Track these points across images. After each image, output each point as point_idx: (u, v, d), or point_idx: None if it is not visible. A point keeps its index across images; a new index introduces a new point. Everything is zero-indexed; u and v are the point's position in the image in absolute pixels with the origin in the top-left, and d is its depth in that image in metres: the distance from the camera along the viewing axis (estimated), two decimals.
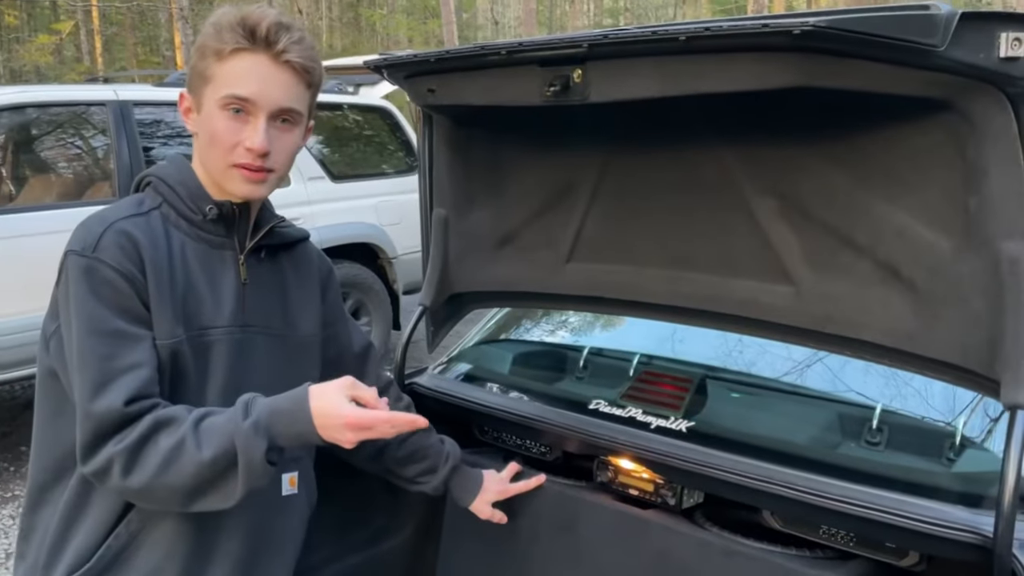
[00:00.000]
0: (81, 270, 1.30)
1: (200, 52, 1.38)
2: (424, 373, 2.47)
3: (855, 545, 1.71)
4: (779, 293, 1.78)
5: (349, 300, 5.78)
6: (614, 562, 1.89)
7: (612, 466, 1.99)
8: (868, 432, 1.79)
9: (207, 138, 1.40)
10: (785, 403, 1.97)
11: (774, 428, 1.86)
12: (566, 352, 2.37)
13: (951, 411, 1.88)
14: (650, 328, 2.38)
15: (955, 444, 1.73)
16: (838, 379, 2.03)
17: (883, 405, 1.82)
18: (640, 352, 2.28)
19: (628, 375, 2.14)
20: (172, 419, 1.30)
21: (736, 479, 1.72)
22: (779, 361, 2.12)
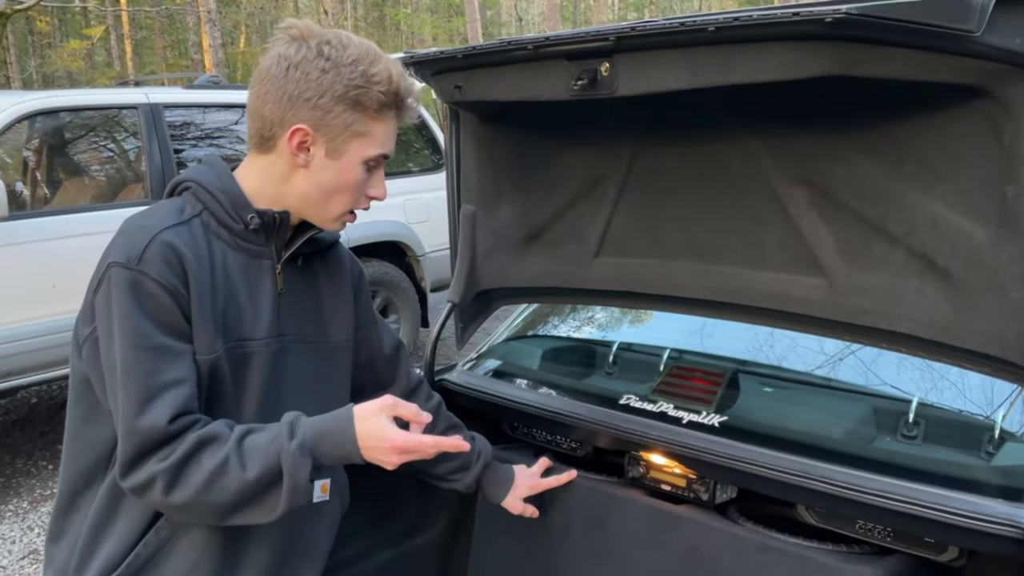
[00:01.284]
0: (126, 283, 1.28)
1: (349, 102, 1.36)
2: (454, 370, 2.47)
3: (892, 540, 1.69)
4: (811, 285, 1.76)
5: (377, 298, 5.81)
6: (646, 558, 1.89)
7: (643, 461, 1.98)
8: (904, 426, 1.77)
9: (334, 185, 1.42)
10: (818, 397, 1.95)
11: (808, 422, 1.84)
12: (595, 347, 2.37)
13: (989, 404, 1.85)
14: (679, 322, 2.37)
15: (994, 437, 1.70)
16: (872, 372, 2.01)
17: (919, 398, 1.79)
18: (670, 347, 2.27)
19: (659, 370, 2.12)
20: (215, 437, 1.31)
21: (770, 473, 1.70)
22: (811, 354, 2.10)
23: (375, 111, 1.38)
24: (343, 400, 1.60)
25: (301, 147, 1.38)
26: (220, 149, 5.20)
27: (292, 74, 1.34)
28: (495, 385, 2.29)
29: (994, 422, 1.73)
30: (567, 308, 2.74)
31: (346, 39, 1.37)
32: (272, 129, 1.38)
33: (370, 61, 1.36)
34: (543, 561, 2.07)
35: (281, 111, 1.36)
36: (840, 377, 2.02)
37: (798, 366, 2.10)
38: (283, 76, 1.35)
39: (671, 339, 2.37)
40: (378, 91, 1.36)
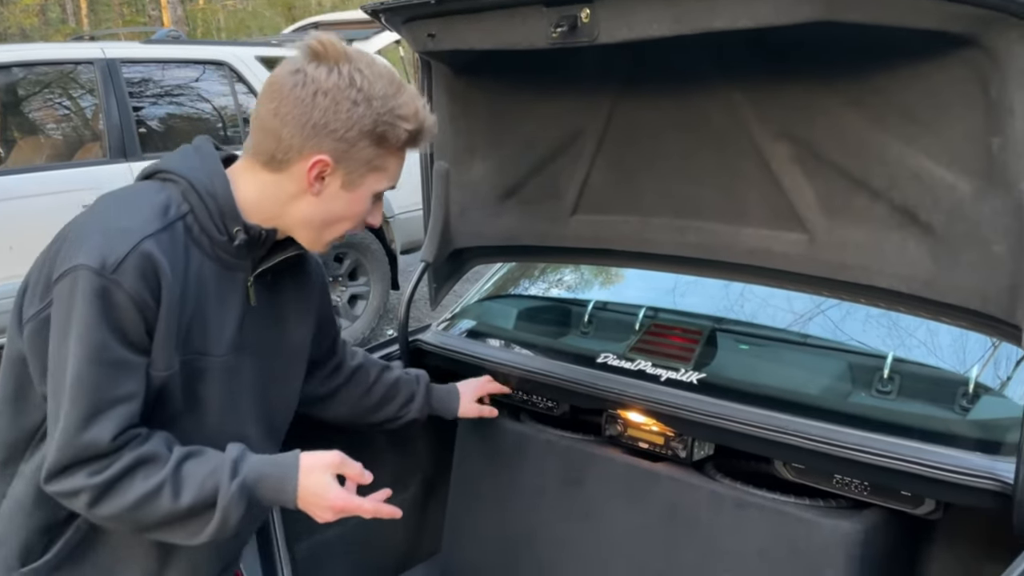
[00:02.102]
0: (95, 290, 1.20)
1: (375, 137, 1.30)
2: (427, 330, 2.43)
3: (869, 494, 1.69)
4: (792, 241, 1.73)
5: (346, 260, 5.73)
6: (624, 515, 1.88)
7: (621, 420, 1.97)
8: (880, 381, 1.77)
9: (342, 214, 1.37)
10: (796, 353, 1.94)
11: (785, 378, 1.83)
12: (571, 306, 2.34)
13: (965, 359, 1.85)
14: (656, 280, 2.35)
15: (970, 391, 1.70)
16: (849, 328, 2.00)
17: (895, 354, 1.79)
18: (647, 305, 2.25)
19: (636, 328, 2.10)
20: (153, 458, 1.26)
21: (748, 430, 1.70)
22: (788, 311, 2.09)
23: (398, 148, 1.34)
24: (295, 395, 1.61)
25: (318, 177, 1.32)
26: (180, 107, 5.06)
27: (320, 101, 1.27)
28: (470, 345, 2.26)
29: (969, 377, 1.74)
30: (541, 267, 2.70)
31: (375, 66, 1.31)
32: (288, 153, 1.31)
33: (397, 95, 1.31)
34: (519, 520, 2.06)
35: (303, 138, 1.29)
36: (816, 333, 2.01)
37: (775, 323, 2.10)
38: (310, 101, 1.27)
39: (647, 297, 2.35)
40: (405, 128, 1.32)
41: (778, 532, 1.66)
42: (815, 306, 2.04)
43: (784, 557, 1.65)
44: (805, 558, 1.62)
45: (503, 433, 2.12)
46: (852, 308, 1.95)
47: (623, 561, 1.87)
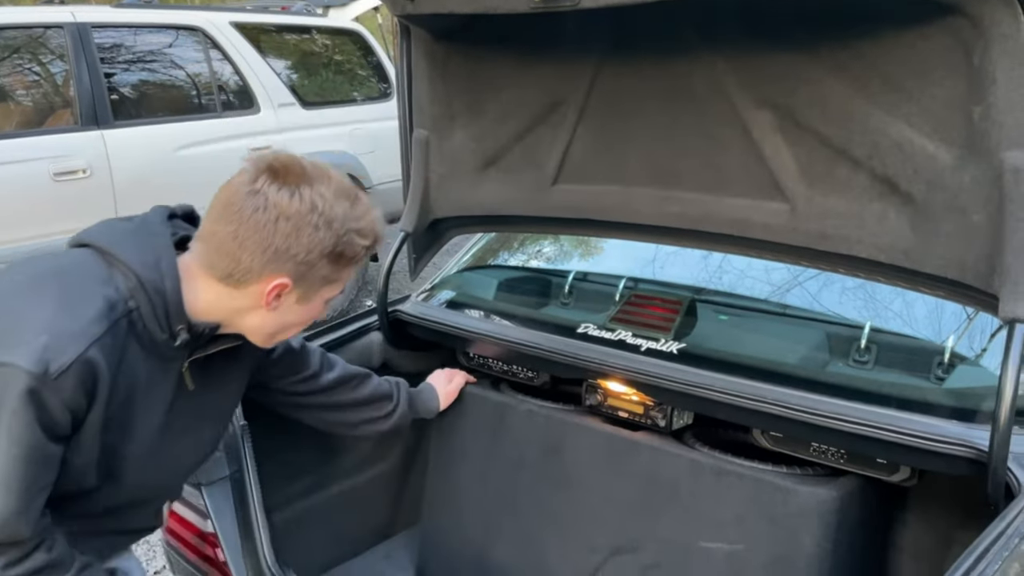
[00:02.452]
0: (30, 393, 1.17)
1: (334, 256, 1.31)
2: (407, 300, 2.42)
3: (845, 462, 1.71)
4: (772, 211, 1.73)
5: None
6: (603, 483, 1.89)
7: (601, 389, 1.97)
8: (857, 351, 1.78)
9: (296, 323, 1.41)
10: (774, 323, 1.95)
11: (764, 348, 1.84)
12: (551, 277, 2.33)
13: (941, 329, 1.87)
14: (636, 251, 2.34)
15: (945, 361, 1.71)
16: (827, 299, 2.01)
17: (872, 324, 1.80)
18: (627, 276, 2.24)
19: (616, 299, 2.10)
20: (58, 566, 1.32)
21: (728, 399, 1.70)
22: (767, 282, 2.09)
23: (354, 262, 1.37)
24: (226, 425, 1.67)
25: (277, 298, 1.33)
26: (153, 74, 4.95)
27: (283, 227, 1.26)
28: (450, 315, 2.25)
29: (945, 346, 1.75)
30: (521, 237, 2.69)
31: (332, 183, 1.31)
32: (247, 275, 1.30)
33: (355, 213, 1.32)
34: (499, 489, 2.07)
35: (263, 263, 1.28)
36: (795, 304, 2.02)
37: (754, 293, 2.10)
38: (272, 227, 1.26)
39: (627, 268, 2.35)
40: (362, 244, 1.34)
41: (756, 499, 1.67)
42: (793, 276, 2.04)
43: (762, 524, 1.66)
44: (782, 524, 1.64)
45: (483, 403, 2.12)
46: (830, 278, 1.96)
47: (603, 528, 1.88)
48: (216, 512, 1.82)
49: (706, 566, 1.73)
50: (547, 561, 1.97)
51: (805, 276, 2.02)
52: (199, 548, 1.89)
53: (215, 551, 1.83)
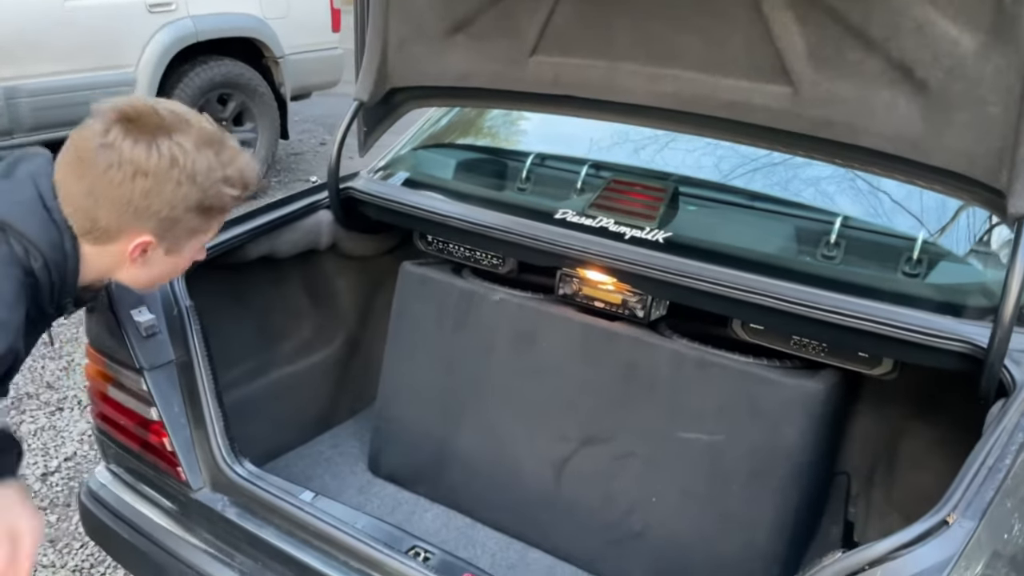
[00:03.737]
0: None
1: (200, 209, 1.23)
2: (358, 178, 2.23)
3: (826, 355, 1.71)
4: (775, 94, 1.64)
5: (231, 103, 5.27)
6: (577, 374, 1.83)
7: (576, 278, 1.88)
8: (844, 242, 1.74)
9: (168, 273, 1.36)
10: (759, 214, 1.89)
11: (750, 238, 1.79)
12: (519, 159, 2.18)
13: (926, 224, 1.85)
14: (611, 133, 2.22)
15: (931, 254, 1.70)
16: (812, 189, 1.97)
17: (859, 216, 1.76)
18: (602, 160, 2.13)
19: (594, 184, 1.99)
20: None
21: (714, 288, 1.65)
22: (752, 170, 2.02)
23: (223, 212, 1.29)
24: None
25: (142, 254, 1.26)
26: None
27: (140, 184, 1.17)
28: (410, 195, 2.09)
29: (932, 240, 1.74)
30: (483, 115, 2.51)
31: (189, 131, 1.20)
32: (107, 234, 1.22)
33: (221, 161, 1.23)
34: (463, 379, 1.98)
35: (122, 221, 1.20)
36: (780, 193, 1.97)
37: (738, 182, 2.03)
38: (128, 183, 1.17)
39: (595, 152, 2.23)
40: (231, 195, 1.26)
41: (739, 391, 1.65)
42: (778, 165, 1.98)
43: (743, 415, 1.65)
44: (765, 416, 1.63)
45: (449, 290, 2.00)
46: (817, 168, 1.90)
47: (574, 419, 1.84)
48: (161, 399, 1.66)
49: (683, 456, 1.71)
50: (513, 451, 1.92)
51: (791, 165, 1.96)
52: (140, 436, 1.74)
53: (161, 440, 1.69)
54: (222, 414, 1.69)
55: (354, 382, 2.51)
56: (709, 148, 2.09)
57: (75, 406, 3.21)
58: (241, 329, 2.21)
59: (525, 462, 1.90)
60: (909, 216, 1.85)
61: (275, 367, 2.28)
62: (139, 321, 1.67)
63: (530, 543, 1.91)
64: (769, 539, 1.64)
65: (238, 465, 1.64)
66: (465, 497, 2.00)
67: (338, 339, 2.44)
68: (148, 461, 1.74)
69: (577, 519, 1.84)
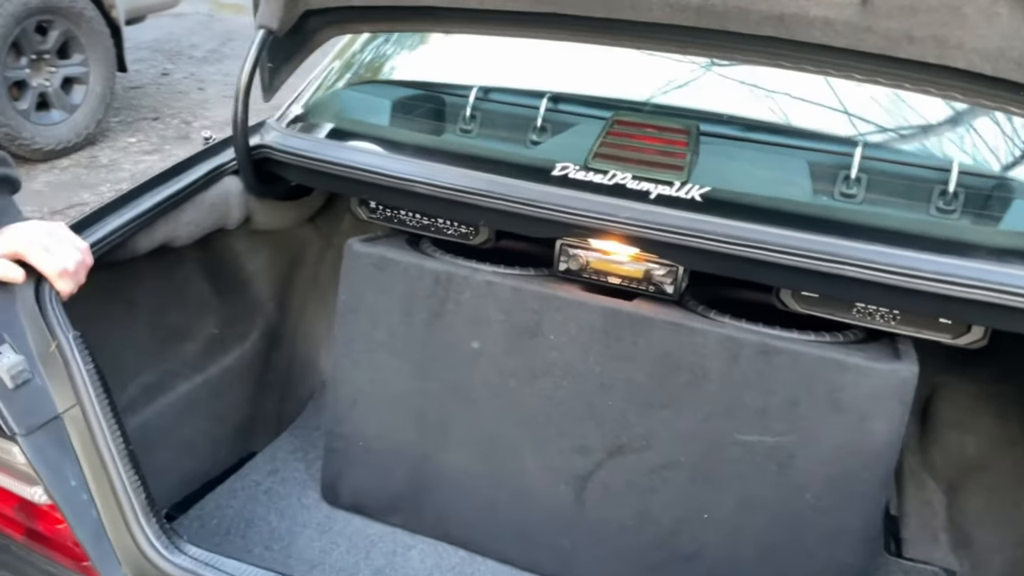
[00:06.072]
0: None
1: None
2: (267, 129, 1.71)
3: (897, 323, 1.42)
4: (837, 3, 1.28)
5: (54, 31, 4.40)
6: (601, 371, 1.46)
7: (583, 249, 1.50)
8: (939, 194, 1.42)
9: None
10: (811, 157, 1.53)
11: (805, 190, 1.44)
12: (479, 95, 1.72)
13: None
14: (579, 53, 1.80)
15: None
16: (887, 121, 1.63)
17: (956, 160, 1.44)
18: (588, 93, 1.72)
19: (588, 127, 1.57)
20: None
21: (776, 257, 1.31)
22: (782, 96, 1.67)
23: None
24: None
25: None
26: None
27: None
28: (347, 152, 1.61)
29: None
30: (416, 38, 2.01)
31: None
32: None
33: None
34: (447, 383, 1.57)
35: None
36: (838, 130, 1.62)
37: (774, 116, 1.67)
38: None
39: (574, 80, 1.80)
40: None
41: (814, 381, 1.34)
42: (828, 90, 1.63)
43: (819, 410, 1.34)
44: (848, 410, 1.33)
45: (416, 273, 1.56)
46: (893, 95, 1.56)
47: (596, 426, 1.48)
48: (50, 472, 1.17)
49: (741, 462, 1.40)
50: (517, 467, 1.54)
51: (842, 89, 1.61)
52: (23, 524, 1.24)
53: (55, 528, 1.21)
54: (138, 478, 1.22)
55: (278, 383, 2.05)
56: (709, 69, 1.72)
57: None
58: (129, 338, 1.70)
59: (534, 480, 1.54)
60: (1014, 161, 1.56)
61: (180, 378, 1.79)
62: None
63: (546, 575, 1.57)
64: (854, 552, 1.37)
65: (174, 550, 1.19)
66: (457, 526, 1.62)
67: (254, 332, 1.96)
68: (39, 557, 1.25)
69: (607, 543, 1.51)
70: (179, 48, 6.74)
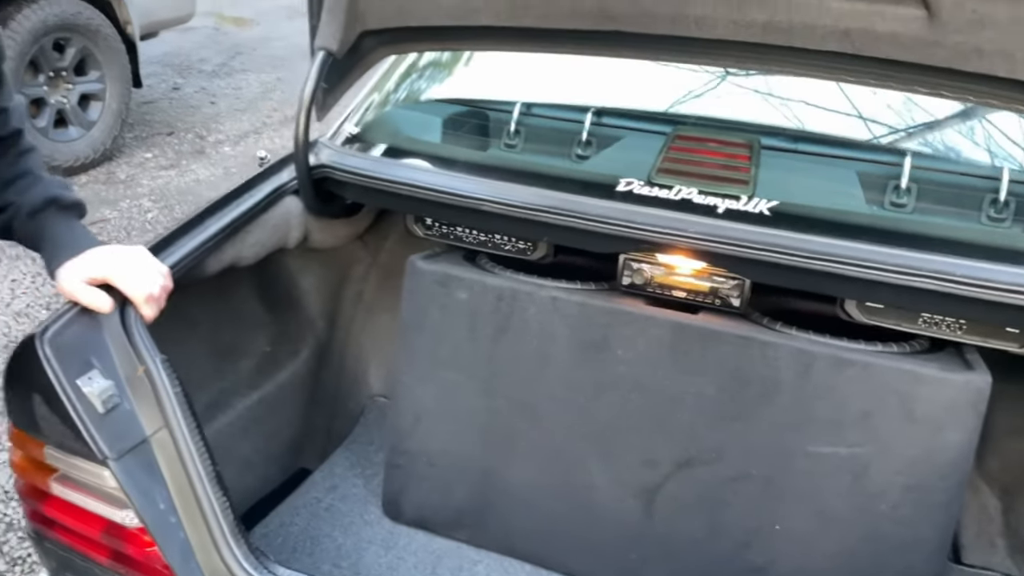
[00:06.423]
0: None
1: None
2: (321, 148, 1.72)
3: (963, 332, 1.44)
4: (905, 18, 1.30)
5: (71, 49, 4.41)
6: (670, 385, 1.47)
7: (647, 264, 1.51)
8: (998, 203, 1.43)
9: None
10: (872, 169, 1.54)
11: (871, 201, 1.45)
12: (534, 112, 1.73)
13: None
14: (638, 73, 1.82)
15: None
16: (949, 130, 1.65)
17: (1011, 168, 1.47)
18: (646, 108, 1.74)
19: (648, 142, 1.59)
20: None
21: (848, 270, 1.33)
22: (844, 109, 1.68)
23: None
24: None
25: None
26: None
27: None
28: (407, 171, 1.62)
29: None
30: (462, 56, 2.02)
31: None
32: None
33: None
34: (513, 398, 1.58)
35: None
36: (897, 142, 1.65)
37: (826, 125, 1.69)
38: None
39: (630, 96, 1.82)
40: None
41: (888, 393, 1.36)
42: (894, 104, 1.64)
43: (894, 421, 1.36)
44: (923, 421, 1.34)
45: (480, 290, 1.57)
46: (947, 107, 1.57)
47: (665, 439, 1.49)
48: (140, 496, 1.18)
49: (815, 474, 1.41)
50: (584, 481, 1.55)
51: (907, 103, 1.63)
52: (110, 547, 1.25)
53: (144, 551, 1.21)
54: (226, 499, 1.23)
55: (327, 399, 2.06)
56: (762, 82, 1.74)
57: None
58: (190, 358, 1.70)
59: (601, 493, 1.55)
60: None
61: (237, 396, 1.80)
62: (90, 392, 1.17)
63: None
64: (930, 562, 1.39)
65: (263, 571, 1.20)
66: (524, 540, 1.63)
67: (304, 349, 1.97)
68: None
69: (676, 556, 1.52)
70: (188, 62, 6.75)
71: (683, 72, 1.76)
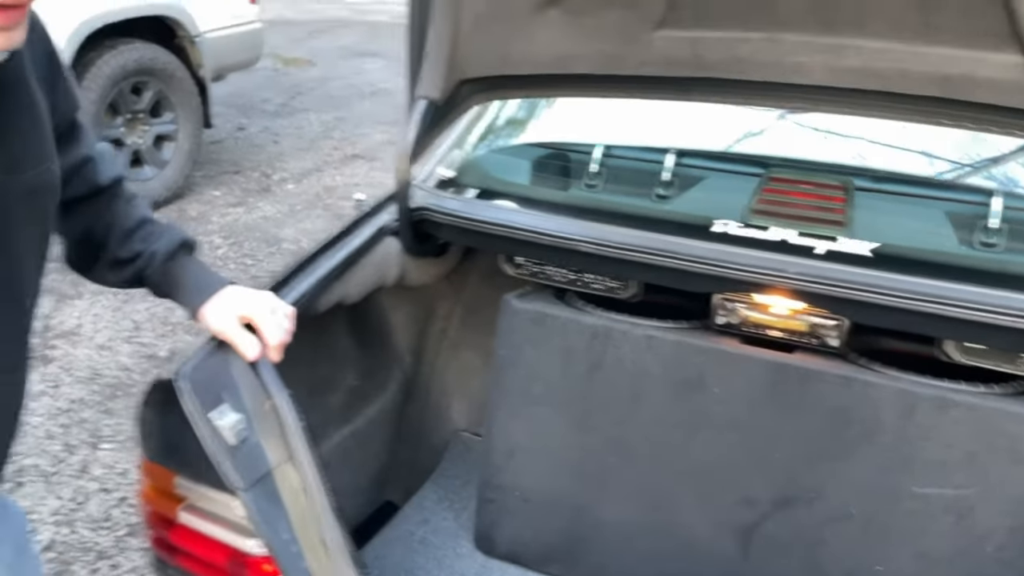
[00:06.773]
0: None
1: None
2: (415, 191, 1.79)
3: None
4: (1004, 64, 1.33)
5: (147, 92, 4.60)
6: (768, 424, 1.49)
7: (742, 303, 1.54)
8: None
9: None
10: (965, 209, 1.56)
11: (969, 242, 1.47)
12: (622, 155, 1.78)
13: None
14: (722, 120, 1.86)
15: None
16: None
17: None
18: (736, 150, 1.78)
19: (741, 183, 1.63)
20: None
21: (950, 311, 1.34)
22: (929, 149, 1.71)
23: None
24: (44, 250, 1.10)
25: None
26: None
27: None
28: (503, 213, 1.68)
29: None
30: (550, 101, 2.09)
31: None
32: None
33: None
34: (607, 435, 1.61)
35: None
36: (990, 182, 1.66)
37: (915, 166, 1.71)
38: None
39: (717, 140, 1.86)
40: None
41: (994, 434, 1.36)
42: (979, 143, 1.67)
43: (1001, 462, 1.36)
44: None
45: (574, 329, 1.61)
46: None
47: (762, 478, 1.50)
48: (267, 525, 1.23)
49: (918, 515, 1.41)
50: (680, 519, 1.57)
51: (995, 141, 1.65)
52: (235, 574, 1.30)
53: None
54: (346, 533, 1.27)
55: (411, 433, 2.11)
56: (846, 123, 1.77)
57: (36, 478, 2.66)
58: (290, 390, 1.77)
59: (697, 531, 1.56)
60: None
61: (332, 428, 1.85)
62: (221, 425, 1.23)
63: None
64: None
65: None
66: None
67: (392, 384, 2.02)
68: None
69: None
70: (251, 103, 6.96)
71: (767, 113, 1.80)
